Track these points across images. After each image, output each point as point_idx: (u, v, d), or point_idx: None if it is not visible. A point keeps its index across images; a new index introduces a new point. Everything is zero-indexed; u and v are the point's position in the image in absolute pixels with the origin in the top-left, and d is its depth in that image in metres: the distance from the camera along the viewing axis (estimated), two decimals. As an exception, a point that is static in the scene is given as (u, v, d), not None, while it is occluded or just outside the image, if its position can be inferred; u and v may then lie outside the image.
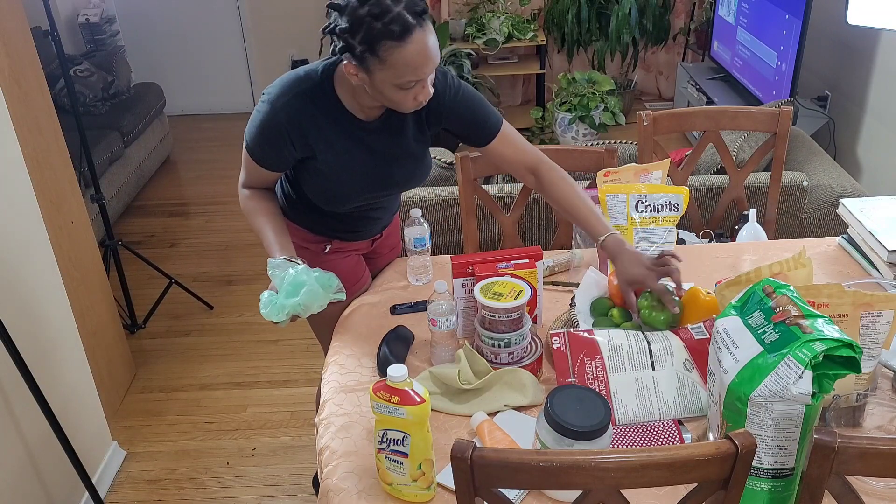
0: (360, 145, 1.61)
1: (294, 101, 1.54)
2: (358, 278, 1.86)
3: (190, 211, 4.29)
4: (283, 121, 1.53)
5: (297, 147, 1.56)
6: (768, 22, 3.70)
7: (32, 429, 2.00)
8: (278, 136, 1.54)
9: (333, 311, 1.80)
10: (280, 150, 1.57)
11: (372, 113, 1.60)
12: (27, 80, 2.27)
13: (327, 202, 1.68)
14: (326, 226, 1.78)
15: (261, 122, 1.55)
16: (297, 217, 1.77)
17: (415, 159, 1.69)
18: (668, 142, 4.27)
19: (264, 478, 2.42)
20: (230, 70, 5.53)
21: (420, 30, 1.38)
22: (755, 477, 1.13)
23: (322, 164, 1.60)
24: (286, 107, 1.53)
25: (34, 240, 2.09)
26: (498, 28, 4.81)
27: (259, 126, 1.55)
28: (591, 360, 1.41)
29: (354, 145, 1.61)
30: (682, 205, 1.72)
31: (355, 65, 1.42)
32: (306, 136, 1.56)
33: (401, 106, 1.49)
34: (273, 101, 1.54)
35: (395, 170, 1.68)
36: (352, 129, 1.59)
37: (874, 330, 1.29)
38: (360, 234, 1.83)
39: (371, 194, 1.70)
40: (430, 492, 1.24)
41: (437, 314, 1.49)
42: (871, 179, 3.47)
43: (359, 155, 1.62)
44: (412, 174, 1.72)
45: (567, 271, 1.89)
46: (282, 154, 1.58)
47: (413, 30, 1.36)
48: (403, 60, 1.39)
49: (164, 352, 3.07)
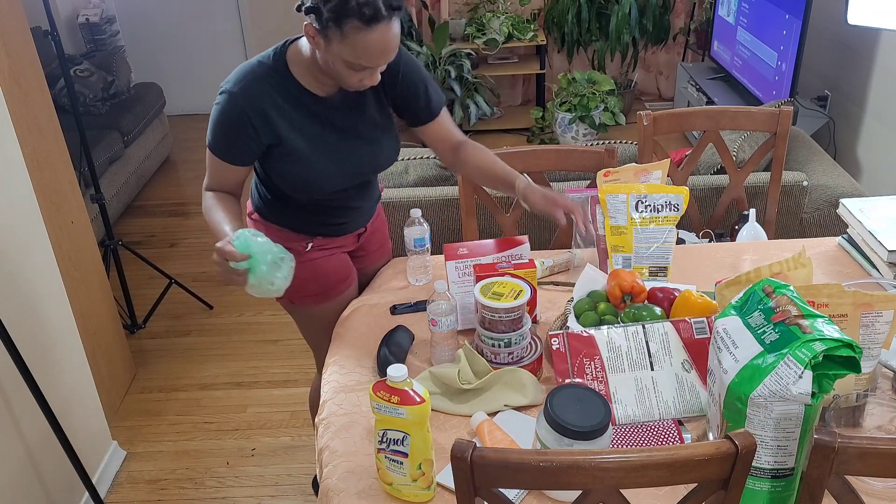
0: (325, 124, 1.61)
1: (251, 86, 1.53)
2: (344, 277, 1.83)
3: (190, 211, 4.29)
4: (244, 107, 1.52)
5: (262, 133, 1.55)
6: (768, 22, 3.71)
7: (32, 429, 2.00)
8: (240, 124, 1.53)
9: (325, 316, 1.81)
10: (243, 139, 1.55)
11: (329, 89, 1.60)
12: (27, 80, 2.27)
13: (303, 189, 1.65)
14: (307, 221, 1.75)
15: (220, 113, 1.54)
16: (276, 217, 1.75)
17: (381, 131, 1.70)
18: (668, 142, 4.28)
19: (264, 478, 2.42)
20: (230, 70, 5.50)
21: (388, 23, 1.41)
22: (755, 477, 1.13)
23: (289, 149, 1.58)
24: (244, 92, 1.53)
25: (34, 240, 2.09)
26: (498, 28, 4.81)
27: (219, 117, 1.54)
28: (590, 360, 1.41)
29: (318, 124, 1.60)
30: (682, 205, 1.71)
31: (316, 28, 1.44)
32: (269, 120, 1.54)
33: (343, 81, 1.52)
34: (230, 90, 1.53)
35: (364, 147, 1.67)
36: (313, 107, 1.59)
37: (874, 330, 1.29)
38: (343, 226, 1.80)
39: (344, 176, 1.68)
40: (430, 492, 1.24)
41: (437, 314, 1.49)
42: (871, 179, 3.47)
43: (324, 134, 1.61)
44: (381, 149, 1.71)
45: (567, 271, 1.89)
46: (245, 144, 1.56)
47: (381, 20, 1.40)
48: (363, 44, 1.41)
49: (163, 352, 3.07)
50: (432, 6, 5.07)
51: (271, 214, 1.75)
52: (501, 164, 1.76)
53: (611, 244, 1.72)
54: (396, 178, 2.71)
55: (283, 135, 1.57)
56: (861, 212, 1.87)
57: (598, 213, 1.74)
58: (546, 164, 2.15)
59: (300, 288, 1.64)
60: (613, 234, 1.71)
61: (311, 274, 1.76)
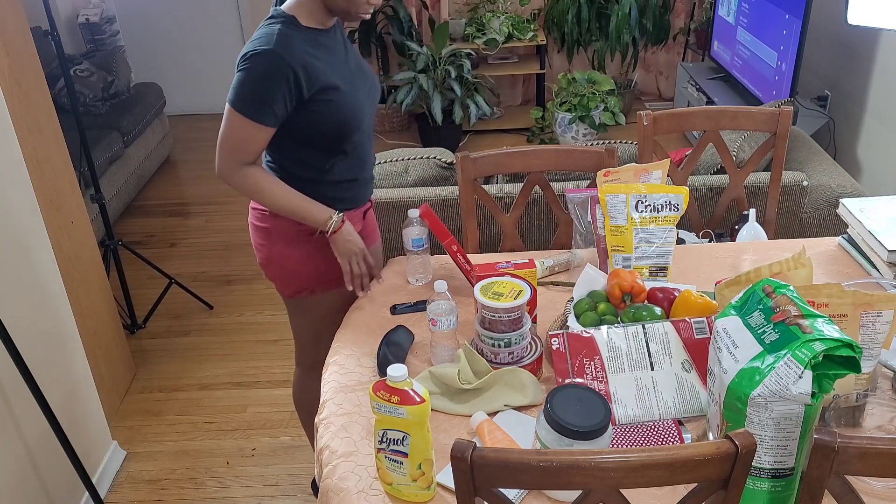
0: (339, 56, 1.71)
1: (288, 42, 1.58)
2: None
3: (190, 211, 4.29)
4: (289, 61, 1.56)
5: (304, 86, 1.59)
6: (768, 22, 3.71)
7: (32, 429, 2.00)
8: (283, 79, 1.56)
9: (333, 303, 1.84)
10: (282, 95, 1.58)
11: (329, 24, 1.70)
12: (27, 80, 2.27)
13: (343, 128, 1.69)
14: (328, 192, 1.76)
15: (261, 72, 1.56)
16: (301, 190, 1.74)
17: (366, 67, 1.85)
18: (668, 142, 4.28)
19: (264, 478, 2.42)
20: (230, 70, 5.47)
21: None
22: (755, 477, 1.13)
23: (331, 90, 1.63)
24: (285, 50, 1.57)
25: (34, 240, 2.09)
26: (498, 28, 4.81)
27: (259, 76, 1.57)
28: (590, 360, 1.41)
29: (336, 57, 1.70)
30: (682, 205, 1.71)
31: None
32: (310, 70, 1.59)
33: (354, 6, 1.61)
34: (270, 49, 1.56)
35: (367, 73, 1.81)
36: (327, 42, 1.68)
37: (874, 330, 1.29)
38: (363, 190, 1.85)
39: (368, 104, 1.77)
40: (430, 492, 1.24)
41: (437, 314, 1.49)
42: (871, 179, 3.47)
43: (346, 64, 1.72)
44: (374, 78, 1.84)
45: (567, 271, 1.89)
46: (283, 101, 1.59)
47: None
48: None
49: (164, 352, 3.07)
50: (432, 6, 5.07)
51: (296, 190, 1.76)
52: None
53: (611, 244, 1.72)
54: (396, 178, 2.71)
55: (324, 79, 1.62)
56: (861, 212, 1.87)
57: (598, 212, 1.74)
58: (546, 164, 2.15)
59: (326, 272, 1.79)
60: (613, 234, 1.71)
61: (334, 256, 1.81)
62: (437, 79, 4.56)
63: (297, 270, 1.82)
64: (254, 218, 1.82)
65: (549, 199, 2.18)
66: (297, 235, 1.77)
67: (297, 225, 1.75)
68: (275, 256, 1.81)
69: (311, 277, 1.83)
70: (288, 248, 1.79)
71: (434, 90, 4.51)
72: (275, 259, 1.81)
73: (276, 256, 1.81)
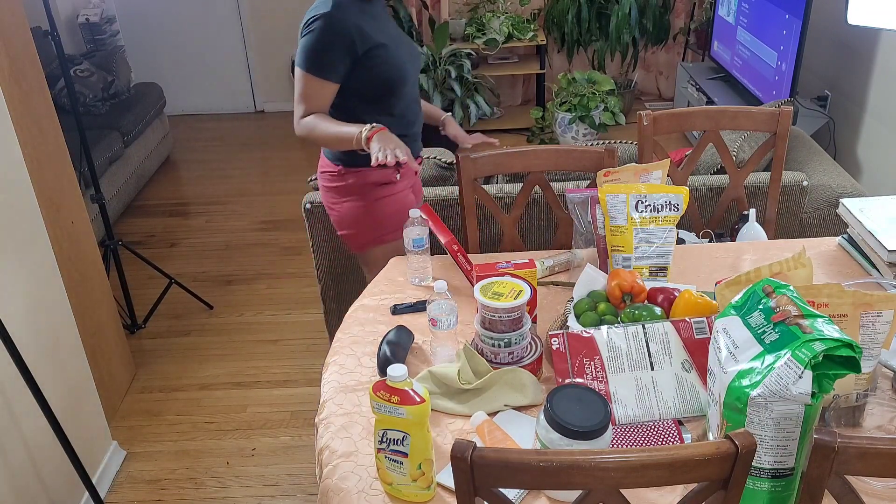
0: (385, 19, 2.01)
1: (342, 6, 1.87)
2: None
3: (190, 211, 4.29)
4: (346, 22, 1.86)
5: (358, 45, 1.88)
6: (768, 22, 3.71)
7: (32, 429, 2.00)
8: (343, 38, 1.86)
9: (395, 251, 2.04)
10: (343, 53, 1.87)
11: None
12: (27, 80, 2.27)
13: (394, 84, 1.98)
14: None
15: (323, 33, 1.85)
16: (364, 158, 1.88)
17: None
18: (668, 142, 4.28)
19: (264, 478, 2.42)
20: (230, 70, 5.53)
21: None
22: (755, 477, 1.13)
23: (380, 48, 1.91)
24: (341, 13, 1.86)
25: (34, 240, 2.09)
26: (498, 28, 4.81)
27: (322, 37, 1.86)
28: (590, 360, 1.41)
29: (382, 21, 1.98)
30: (682, 205, 1.71)
31: None
32: (363, 30, 1.89)
33: None
34: (329, 14, 1.85)
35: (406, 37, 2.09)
36: (370, 9, 1.94)
37: (874, 330, 1.29)
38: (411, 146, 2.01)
39: (412, 63, 2.06)
40: (430, 492, 1.24)
41: (437, 314, 1.49)
42: (871, 179, 3.47)
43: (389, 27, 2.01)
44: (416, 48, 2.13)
45: (567, 271, 1.89)
46: (344, 58, 1.88)
47: None
48: None
49: (164, 352, 3.07)
50: (432, 6, 5.07)
51: (361, 158, 1.94)
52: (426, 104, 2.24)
53: (611, 244, 1.72)
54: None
55: (375, 38, 1.91)
56: (861, 212, 1.87)
57: (598, 212, 1.74)
58: (546, 164, 2.15)
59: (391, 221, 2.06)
60: (613, 234, 1.71)
61: (401, 206, 2.07)
62: (437, 79, 4.56)
63: (364, 220, 2.09)
64: (324, 180, 2.11)
65: (549, 199, 2.18)
66: (361, 189, 2.05)
67: (360, 179, 2.03)
68: (345, 211, 2.09)
69: (378, 226, 2.09)
70: (356, 202, 2.07)
71: (434, 90, 4.51)
72: (346, 214, 2.09)
73: (347, 211, 2.09)
